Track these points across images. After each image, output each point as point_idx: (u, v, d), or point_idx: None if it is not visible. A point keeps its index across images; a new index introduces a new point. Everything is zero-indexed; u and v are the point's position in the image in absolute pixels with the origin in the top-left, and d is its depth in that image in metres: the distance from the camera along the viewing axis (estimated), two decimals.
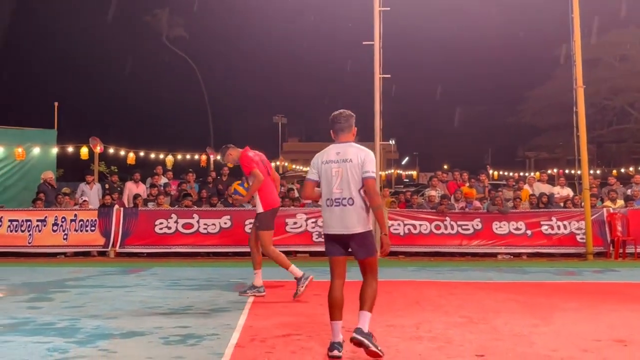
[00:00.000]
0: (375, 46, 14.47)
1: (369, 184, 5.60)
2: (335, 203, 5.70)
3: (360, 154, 5.71)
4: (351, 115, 5.95)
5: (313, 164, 5.96)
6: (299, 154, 68.43)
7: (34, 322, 6.98)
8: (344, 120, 5.90)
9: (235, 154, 9.26)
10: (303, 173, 34.83)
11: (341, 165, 5.71)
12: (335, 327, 5.68)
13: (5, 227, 14.47)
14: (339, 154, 5.78)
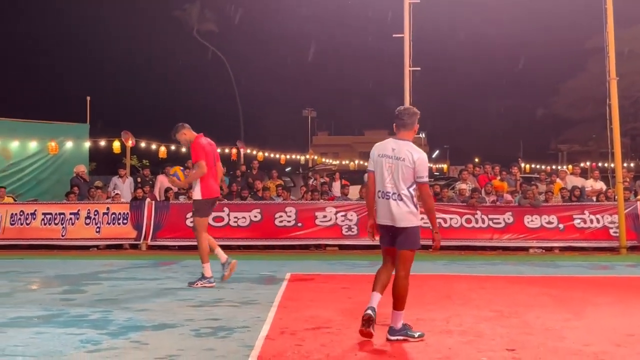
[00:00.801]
0: (405, 39, 14.41)
1: (422, 188, 5.82)
2: (385, 196, 5.89)
3: (414, 155, 5.83)
4: (415, 113, 6.03)
5: (371, 156, 6.13)
6: (328, 148, 68.48)
7: (67, 314, 7.08)
8: (407, 117, 6.00)
9: (189, 136, 9.39)
10: (332, 166, 34.86)
11: (394, 162, 5.86)
12: (372, 296, 5.92)
13: (39, 220, 14.68)
14: (394, 150, 5.91)
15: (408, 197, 5.81)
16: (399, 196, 5.82)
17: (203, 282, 9.14)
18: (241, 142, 26.90)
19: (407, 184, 5.81)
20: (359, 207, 14.56)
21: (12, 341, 5.77)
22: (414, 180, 5.82)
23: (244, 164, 20.48)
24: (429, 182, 5.86)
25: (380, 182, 5.94)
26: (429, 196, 5.81)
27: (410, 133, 5.99)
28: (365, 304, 7.61)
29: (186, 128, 9.43)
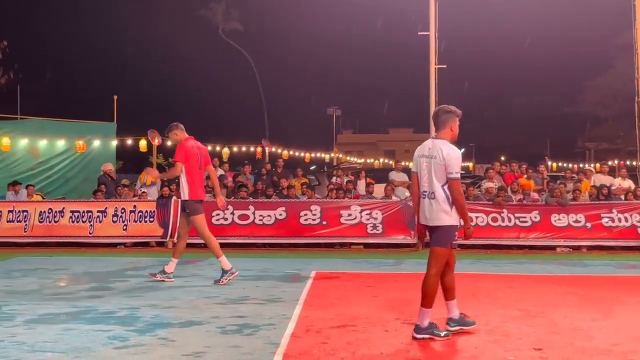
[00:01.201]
0: (431, 36, 14.36)
1: (452, 184, 5.80)
2: (423, 195, 5.95)
3: (444, 152, 5.84)
4: (447, 112, 6.04)
5: (414, 157, 6.17)
6: (353, 146, 68.43)
7: (95, 310, 7.16)
8: (439, 116, 6.06)
9: (180, 136, 9.65)
10: (357, 165, 34.82)
11: (429, 160, 5.91)
12: (447, 306, 6.11)
13: (67, 218, 14.84)
14: (430, 149, 5.96)
15: (442, 195, 5.81)
16: (433, 195, 5.85)
17: (227, 277, 9.22)
18: (266, 141, 26.98)
19: (441, 182, 5.82)
20: (384, 206, 14.53)
21: (42, 337, 5.85)
22: (446, 178, 5.82)
23: (269, 162, 20.53)
24: (460, 179, 5.81)
25: (420, 182, 6.01)
26: (458, 193, 5.79)
27: (446, 132, 6.00)
28: (392, 302, 7.63)
29: (179, 129, 9.69)
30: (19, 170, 18.34)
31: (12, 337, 5.85)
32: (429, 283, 5.86)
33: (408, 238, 14.22)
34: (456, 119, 6.02)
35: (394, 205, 14.56)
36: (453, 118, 6.01)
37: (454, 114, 6.02)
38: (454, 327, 5.97)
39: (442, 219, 5.82)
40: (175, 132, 9.66)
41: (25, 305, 7.41)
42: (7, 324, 6.43)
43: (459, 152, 5.90)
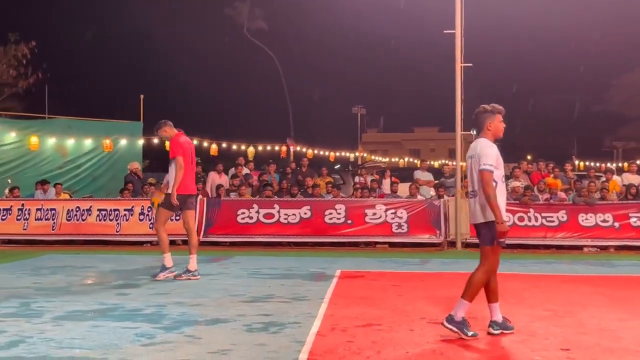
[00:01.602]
0: (457, 35, 14.26)
1: (480, 175, 5.81)
2: (469, 195, 6.05)
3: (479, 148, 5.90)
4: (483, 112, 6.06)
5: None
6: (378, 145, 68.33)
7: (123, 308, 7.23)
8: (476, 117, 6.11)
9: (169, 133, 9.75)
10: (382, 164, 34.74)
11: (471, 160, 5.99)
12: (490, 308, 6.05)
13: (95, 216, 14.99)
14: (472, 150, 6.03)
15: (481, 194, 5.84)
16: (474, 192, 5.91)
17: (165, 273, 9.40)
18: (291, 140, 27.07)
19: (479, 182, 5.87)
20: (409, 205, 14.48)
21: (70, 334, 5.92)
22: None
23: (294, 162, 20.57)
24: (489, 171, 5.77)
25: (469, 181, 6.09)
26: (486, 184, 5.74)
27: (485, 132, 6.01)
28: (417, 302, 7.61)
29: (168, 125, 9.81)
30: (47, 169, 18.58)
31: (40, 333, 5.93)
32: (475, 276, 5.86)
33: (433, 237, 14.17)
34: (494, 117, 6.00)
35: (419, 205, 14.52)
36: (490, 117, 6.00)
37: (490, 112, 6.02)
38: (496, 331, 5.91)
39: (486, 215, 5.81)
40: (164, 128, 9.79)
41: (54, 302, 7.50)
42: (35, 320, 6.51)
43: (493, 147, 5.90)
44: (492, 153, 5.82)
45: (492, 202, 5.74)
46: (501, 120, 6.05)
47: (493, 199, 5.73)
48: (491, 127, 5.99)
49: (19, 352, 5.27)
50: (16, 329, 6.11)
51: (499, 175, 5.88)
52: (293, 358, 5.16)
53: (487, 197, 5.74)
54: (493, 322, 5.98)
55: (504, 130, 6.10)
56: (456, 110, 14.33)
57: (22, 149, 18.19)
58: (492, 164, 5.79)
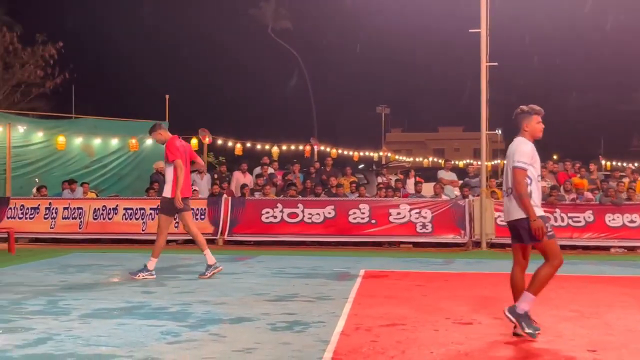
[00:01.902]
0: (482, 34, 14.17)
1: (513, 172, 5.82)
2: (505, 193, 6.04)
3: (513, 146, 5.93)
4: (519, 113, 6.06)
5: None
6: (402, 145, 68.20)
7: (148, 306, 7.28)
8: (514, 119, 6.09)
9: (165, 136, 9.75)
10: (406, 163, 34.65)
11: (508, 159, 5.99)
12: None
13: (121, 215, 15.13)
14: (509, 150, 6.03)
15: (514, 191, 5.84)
16: (510, 190, 5.90)
17: (145, 274, 9.42)
18: (315, 139, 27.07)
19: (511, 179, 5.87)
20: (434, 205, 14.44)
21: (96, 331, 5.98)
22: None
23: (318, 161, 20.58)
24: (522, 168, 5.75)
25: (504, 180, 6.09)
26: (518, 182, 5.73)
27: (522, 132, 5.98)
28: (442, 302, 7.58)
29: (162, 128, 9.88)
30: (74, 169, 18.78)
31: (68, 331, 5.99)
32: (542, 269, 5.81)
33: (458, 237, 14.11)
34: (531, 118, 5.96)
35: (443, 204, 14.46)
36: (527, 117, 5.98)
37: (527, 113, 6.00)
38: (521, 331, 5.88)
39: (520, 212, 5.79)
40: (159, 131, 9.81)
41: (80, 300, 7.58)
42: (63, 318, 6.58)
43: (528, 144, 5.88)
44: (526, 150, 5.81)
45: (523, 199, 5.72)
46: (539, 120, 6.00)
47: (524, 196, 5.70)
48: (528, 127, 5.96)
49: (46, 349, 5.34)
50: (44, 326, 6.18)
51: (534, 173, 5.85)
52: (317, 357, 5.17)
53: (518, 195, 5.73)
54: None
55: None
56: (481, 109, 14.24)
57: (50, 149, 18.40)
58: (526, 161, 5.77)
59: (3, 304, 7.35)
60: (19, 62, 32.67)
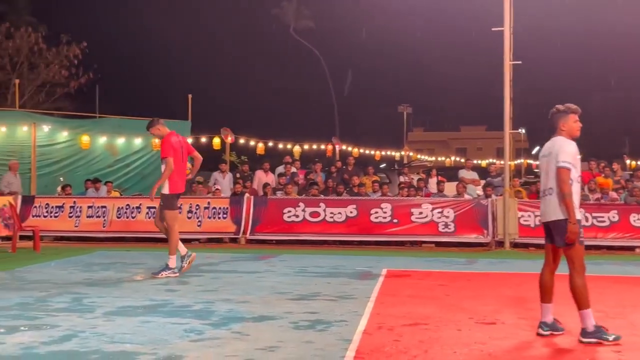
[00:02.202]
0: (505, 32, 14.08)
1: (558, 172, 5.74)
2: (543, 193, 5.96)
3: (556, 146, 5.84)
4: (556, 113, 6.00)
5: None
6: (424, 144, 67.92)
7: (172, 304, 7.33)
8: (550, 118, 6.04)
9: (163, 132, 9.93)
10: (427, 163, 34.54)
11: (547, 159, 5.92)
12: (542, 308, 5.97)
13: (144, 214, 15.24)
14: (548, 148, 5.97)
15: (557, 192, 5.75)
16: (551, 191, 5.82)
17: (167, 272, 9.49)
18: (336, 139, 27.07)
19: (556, 179, 5.78)
20: (456, 204, 14.37)
21: (121, 329, 6.03)
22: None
23: (340, 160, 20.58)
24: (567, 168, 5.68)
25: (541, 181, 6.04)
26: (562, 181, 5.66)
27: (559, 132, 5.92)
28: (464, 302, 7.55)
29: (160, 124, 10.02)
30: (97, 168, 18.93)
31: (92, 328, 6.05)
32: (573, 284, 5.71)
33: (481, 237, 14.03)
34: (567, 117, 5.90)
35: (466, 204, 14.40)
36: (563, 117, 5.92)
37: (563, 112, 5.94)
38: (545, 332, 5.84)
39: (557, 213, 5.74)
40: (157, 127, 9.96)
41: (105, 298, 7.65)
42: (87, 315, 6.65)
43: (572, 144, 5.81)
44: (570, 151, 5.75)
45: (567, 200, 5.66)
46: (576, 119, 5.94)
47: (568, 197, 5.64)
48: (565, 127, 5.90)
49: (72, 347, 5.40)
50: (69, 323, 6.25)
51: (575, 174, 5.77)
52: (340, 356, 5.17)
53: (562, 195, 5.66)
54: (543, 323, 5.90)
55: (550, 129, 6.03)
56: (504, 108, 14.15)
57: (74, 148, 18.56)
58: (570, 161, 5.71)
59: (29, 301, 7.44)
60: (43, 62, 33.06)
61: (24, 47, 32.18)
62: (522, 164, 48.37)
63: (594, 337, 5.62)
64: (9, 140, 17.54)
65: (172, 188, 9.70)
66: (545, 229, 5.99)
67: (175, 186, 9.73)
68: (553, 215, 5.78)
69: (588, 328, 5.64)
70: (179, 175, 9.79)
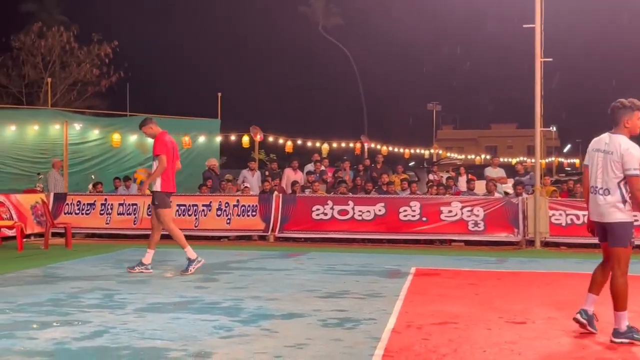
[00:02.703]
0: (537, 29, 13.92)
1: (630, 181, 5.59)
2: (595, 191, 5.78)
3: (622, 147, 5.65)
4: (621, 108, 5.83)
5: (587, 150, 6.03)
6: (453, 142, 67.51)
7: (202, 301, 7.38)
8: (613, 112, 5.87)
9: (155, 130, 9.98)
10: (457, 161, 34.33)
11: (605, 155, 5.75)
12: (587, 297, 5.95)
13: (174, 211, 15.31)
14: (606, 144, 5.79)
15: (617, 192, 5.63)
16: (607, 191, 5.68)
17: (194, 265, 9.53)
18: (365, 137, 27.01)
19: (617, 178, 5.64)
20: (486, 203, 14.26)
21: (151, 325, 6.08)
22: (623, 174, 5.61)
23: (368, 158, 20.55)
24: (637, 175, 5.54)
25: (592, 177, 5.84)
26: (637, 190, 5.54)
27: (620, 128, 5.77)
28: (494, 301, 7.49)
29: (153, 122, 10.10)
30: (129, 165, 19.13)
31: (123, 324, 6.12)
32: (615, 284, 5.66)
33: (511, 236, 13.90)
34: (632, 114, 5.76)
35: (496, 202, 14.27)
36: (628, 113, 5.76)
37: (629, 108, 5.77)
38: (583, 319, 5.79)
39: (617, 216, 5.62)
40: (150, 125, 10.02)
41: (135, 295, 7.73)
42: (119, 311, 6.72)
43: (636, 148, 5.65)
44: (637, 155, 5.60)
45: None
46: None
47: None
48: (629, 124, 5.74)
49: (103, 342, 5.46)
50: (100, 319, 6.32)
51: None
52: (368, 354, 5.17)
53: (637, 203, 5.56)
54: (583, 311, 5.82)
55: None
56: (535, 106, 13.99)
57: (105, 146, 18.77)
58: (637, 167, 5.58)
59: (61, 297, 7.55)
60: (75, 61, 33.47)
61: (56, 46, 32.60)
62: (553, 162, 47.88)
63: (625, 338, 5.56)
64: (41, 139, 17.78)
65: (164, 186, 9.77)
66: (599, 228, 5.84)
67: (167, 184, 9.80)
68: (611, 218, 5.65)
69: (621, 328, 5.59)
70: (171, 174, 9.87)
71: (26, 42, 32.06)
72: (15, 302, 7.17)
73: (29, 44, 32.15)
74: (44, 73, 32.06)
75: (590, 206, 5.86)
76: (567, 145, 69.72)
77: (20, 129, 17.36)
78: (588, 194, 5.88)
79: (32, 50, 32.40)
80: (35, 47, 32.34)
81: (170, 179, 9.86)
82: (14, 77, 32.78)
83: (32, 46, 32.28)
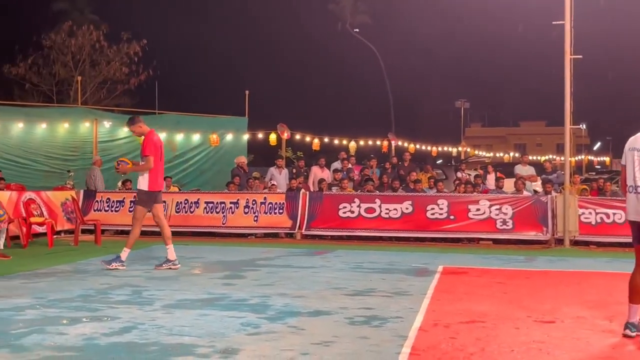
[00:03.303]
0: (566, 26, 13.76)
1: None
2: (634, 190, 5.70)
3: None
4: None
5: (624, 149, 5.92)
6: (482, 140, 67.06)
7: (229, 297, 7.42)
8: None
9: (144, 129, 10.01)
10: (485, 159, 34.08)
11: (633, 152, 5.70)
12: (630, 309, 5.72)
13: (202, 209, 15.44)
14: (636, 143, 5.73)
15: None
16: None
17: (117, 264, 9.66)
18: (392, 134, 26.94)
19: None
20: (515, 201, 14.14)
21: (179, 322, 6.13)
22: None
23: (395, 156, 20.49)
24: None
25: (630, 176, 5.75)
26: None
27: None
28: (523, 300, 7.43)
29: (141, 121, 10.16)
30: None
31: (151, 320, 6.17)
32: (636, 281, 5.62)
33: (540, 234, 13.78)
34: None
35: (525, 201, 14.15)
36: None
37: None
38: (632, 333, 5.68)
39: None
40: (139, 124, 10.07)
41: (164, 291, 7.80)
42: (147, 308, 6.78)
43: None
44: None
45: None
46: None
47: None
48: None
49: (131, 338, 5.51)
50: (129, 315, 6.39)
51: None
52: (395, 352, 5.16)
53: None
54: (630, 324, 5.66)
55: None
56: (565, 103, 13.84)
57: (134, 144, 18.91)
58: None
59: (90, 293, 7.64)
60: (104, 59, 33.78)
61: (86, 45, 32.92)
62: (582, 160, 47.34)
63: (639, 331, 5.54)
64: (71, 136, 18.01)
65: (152, 186, 9.81)
66: (635, 228, 5.71)
67: (154, 184, 9.85)
68: None
69: (635, 321, 5.58)
70: (158, 173, 9.94)
71: (57, 40, 32.42)
72: (45, 298, 7.27)
73: (59, 43, 32.51)
74: (74, 71, 32.39)
75: (628, 205, 5.76)
76: (597, 143, 68.88)
77: (50, 126, 17.59)
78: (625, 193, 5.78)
79: (62, 49, 32.75)
80: (66, 46, 32.69)
81: (158, 178, 9.96)
82: (45, 75, 33.17)
83: (62, 45, 32.63)
